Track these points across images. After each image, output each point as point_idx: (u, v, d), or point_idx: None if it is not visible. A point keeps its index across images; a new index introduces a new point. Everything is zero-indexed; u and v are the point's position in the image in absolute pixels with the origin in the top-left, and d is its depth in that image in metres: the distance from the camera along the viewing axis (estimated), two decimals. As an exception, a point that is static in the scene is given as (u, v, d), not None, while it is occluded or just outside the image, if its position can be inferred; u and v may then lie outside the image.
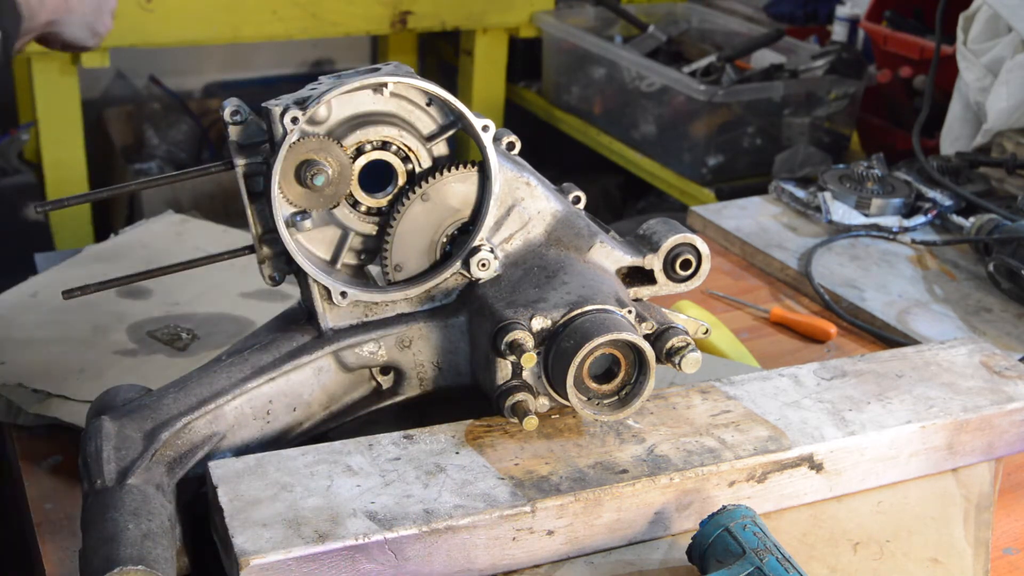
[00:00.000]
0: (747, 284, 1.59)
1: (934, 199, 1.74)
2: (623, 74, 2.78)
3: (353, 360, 1.01)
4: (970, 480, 1.10)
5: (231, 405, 0.96)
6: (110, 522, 0.84)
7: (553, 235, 1.04)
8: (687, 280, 1.06)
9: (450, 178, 1.00)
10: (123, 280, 1.02)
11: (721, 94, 2.49)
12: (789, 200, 1.76)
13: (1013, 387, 1.13)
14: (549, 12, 3.05)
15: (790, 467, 1.00)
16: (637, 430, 1.00)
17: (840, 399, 1.08)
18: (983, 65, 1.94)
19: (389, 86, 0.97)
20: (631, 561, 0.95)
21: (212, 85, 3.57)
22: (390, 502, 0.88)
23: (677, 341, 0.99)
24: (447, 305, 1.03)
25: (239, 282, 1.39)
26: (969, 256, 1.63)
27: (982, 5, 1.96)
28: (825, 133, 2.65)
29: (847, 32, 2.87)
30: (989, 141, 1.94)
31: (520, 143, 1.04)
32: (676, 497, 0.96)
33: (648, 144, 2.75)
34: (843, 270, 1.57)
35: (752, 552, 0.86)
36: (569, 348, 0.94)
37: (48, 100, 2.59)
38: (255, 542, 0.83)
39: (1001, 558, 1.02)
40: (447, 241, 1.03)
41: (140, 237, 1.55)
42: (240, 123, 0.99)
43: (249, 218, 1.00)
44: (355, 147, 0.98)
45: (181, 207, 2.65)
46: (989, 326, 1.44)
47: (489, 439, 0.98)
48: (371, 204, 1.01)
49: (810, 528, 1.01)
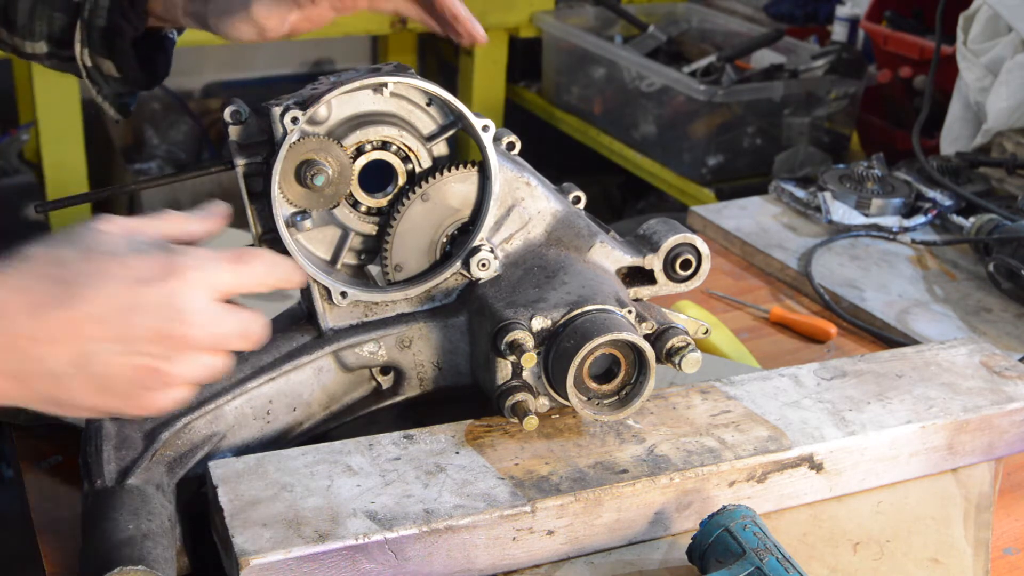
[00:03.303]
0: (747, 284, 1.58)
1: (934, 199, 1.74)
2: (623, 74, 2.78)
3: (353, 360, 1.01)
4: (970, 480, 1.10)
5: (231, 405, 0.96)
6: (110, 522, 0.84)
7: (553, 235, 1.04)
8: (687, 280, 1.06)
9: (450, 178, 1.00)
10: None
11: (721, 94, 2.49)
12: (789, 200, 1.76)
13: (1013, 387, 1.12)
14: (549, 12, 3.05)
15: (790, 467, 1.00)
16: (637, 430, 1.00)
17: (840, 399, 1.08)
18: (983, 65, 1.94)
19: (389, 86, 0.97)
20: (631, 561, 0.95)
21: (212, 85, 3.57)
22: (390, 502, 0.88)
23: (677, 341, 0.99)
24: (447, 305, 1.03)
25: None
26: (969, 256, 1.63)
27: (982, 5, 1.96)
28: (825, 133, 2.65)
29: (847, 32, 2.87)
30: (989, 141, 1.94)
31: (520, 143, 1.04)
32: (676, 497, 0.96)
33: (648, 144, 2.76)
34: (843, 270, 1.57)
35: (752, 552, 0.86)
36: (569, 348, 0.94)
37: (48, 100, 2.59)
38: (255, 542, 0.82)
39: (1001, 558, 1.02)
40: (447, 241, 1.03)
41: (140, 237, 1.54)
42: (240, 123, 0.99)
43: (249, 218, 1.00)
44: (355, 147, 0.98)
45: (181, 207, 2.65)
46: (989, 326, 1.44)
47: (489, 439, 0.98)
48: (371, 204, 1.01)
49: (810, 528, 1.01)
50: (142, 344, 0.73)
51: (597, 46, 2.84)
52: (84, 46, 1.09)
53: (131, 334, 0.73)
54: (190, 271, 0.75)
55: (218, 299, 0.77)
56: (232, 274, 0.77)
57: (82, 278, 0.72)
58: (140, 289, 0.73)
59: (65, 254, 0.73)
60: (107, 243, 0.75)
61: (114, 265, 0.73)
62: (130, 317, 0.73)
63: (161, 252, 0.76)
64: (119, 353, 0.73)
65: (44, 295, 0.71)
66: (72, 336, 0.72)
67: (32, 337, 0.71)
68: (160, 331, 0.74)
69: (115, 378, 0.74)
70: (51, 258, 0.73)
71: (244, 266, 0.78)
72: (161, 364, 0.75)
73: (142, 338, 0.73)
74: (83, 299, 0.72)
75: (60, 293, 0.71)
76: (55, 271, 0.72)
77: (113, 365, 0.73)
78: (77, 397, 0.74)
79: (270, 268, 0.80)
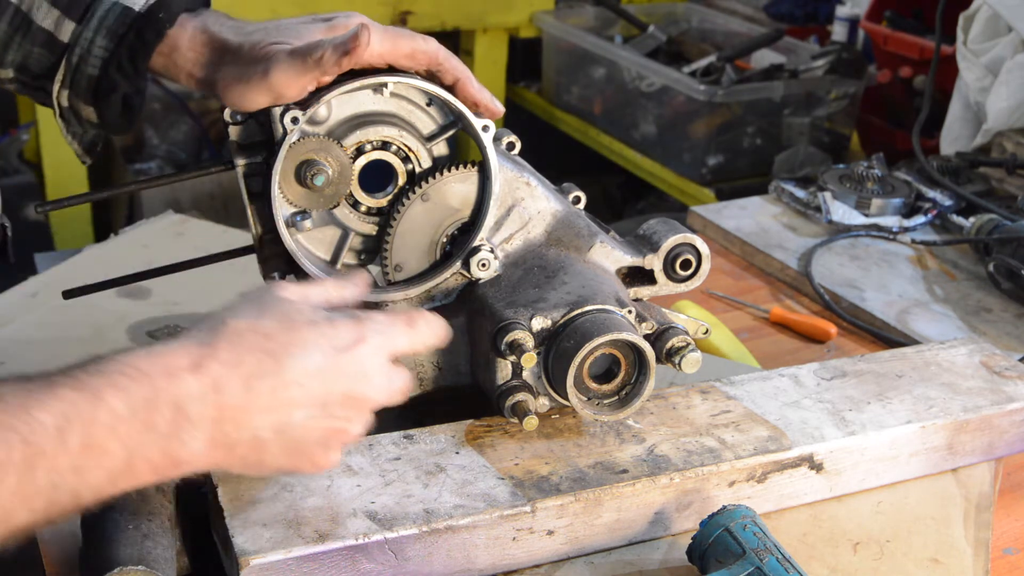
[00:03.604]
0: (747, 284, 1.58)
1: (934, 199, 1.74)
2: (623, 74, 2.78)
3: (353, 360, 1.01)
4: (970, 480, 1.10)
5: (231, 405, 0.96)
6: (110, 522, 0.84)
7: (553, 235, 1.04)
8: (687, 280, 1.06)
9: (450, 178, 1.00)
10: (123, 280, 1.03)
11: (721, 94, 2.49)
12: (789, 200, 1.76)
13: (1013, 387, 1.12)
14: (549, 12, 3.05)
15: (790, 467, 1.00)
16: (637, 430, 1.00)
17: (840, 399, 1.08)
18: (983, 65, 1.94)
19: (389, 86, 0.97)
20: (631, 561, 0.95)
21: (212, 85, 3.56)
22: (390, 502, 0.88)
23: (677, 341, 0.99)
24: (447, 305, 1.03)
25: (239, 282, 1.38)
26: (969, 256, 1.63)
27: (982, 5, 1.96)
28: (825, 133, 2.65)
29: (847, 32, 2.87)
30: (989, 141, 1.94)
31: (520, 143, 1.04)
32: (676, 497, 0.96)
33: (648, 144, 2.75)
34: (843, 270, 1.57)
35: (752, 552, 0.86)
36: (569, 348, 0.94)
37: (48, 100, 2.58)
38: (255, 542, 0.82)
39: (1001, 558, 1.02)
40: (447, 241, 1.03)
41: (140, 237, 1.55)
42: (240, 123, 0.99)
43: (249, 218, 1.00)
44: (355, 147, 0.98)
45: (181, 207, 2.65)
46: (989, 326, 1.44)
47: (489, 439, 0.98)
48: (371, 204, 1.01)
49: (810, 528, 1.01)
50: (335, 408, 0.78)
51: (597, 46, 2.84)
52: (65, 87, 1.01)
53: (327, 399, 0.78)
54: (376, 336, 0.80)
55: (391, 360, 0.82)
56: (406, 337, 0.84)
57: (288, 348, 0.76)
58: (337, 356, 0.78)
59: (269, 326, 0.77)
60: (301, 312, 0.79)
61: (313, 334, 0.78)
62: (328, 383, 0.78)
63: (350, 320, 0.81)
64: (314, 417, 0.77)
65: (256, 367, 0.75)
66: (280, 404, 0.76)
67: (244, 407, 0.74)
68: (350, 395, 0.79)
69: (306, 440, 0.78)
70: (258, 331, 0.76)
71: (415, 330, 0.85)
72: (346, 425, 0.80)
73: (335, 402, 0.78)
74: (291, 369, 0.76)
75: (271, 364, 0.75)
76: (263, 343, 0.76)
77: (308, 429, 0.78)
78: (271, 459, 0.78)
79: (434, 330, 0.87)
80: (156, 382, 0.71)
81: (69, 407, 0.67)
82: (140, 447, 0.70)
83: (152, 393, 0.70)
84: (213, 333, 0.75)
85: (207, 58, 0.98)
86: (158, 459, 0.71)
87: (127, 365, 0.71)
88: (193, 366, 0.73)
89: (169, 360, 0.72)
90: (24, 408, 0.66)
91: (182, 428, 0.71)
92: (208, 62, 0.97)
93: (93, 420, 0.67)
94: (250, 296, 0.81)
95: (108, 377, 0.70)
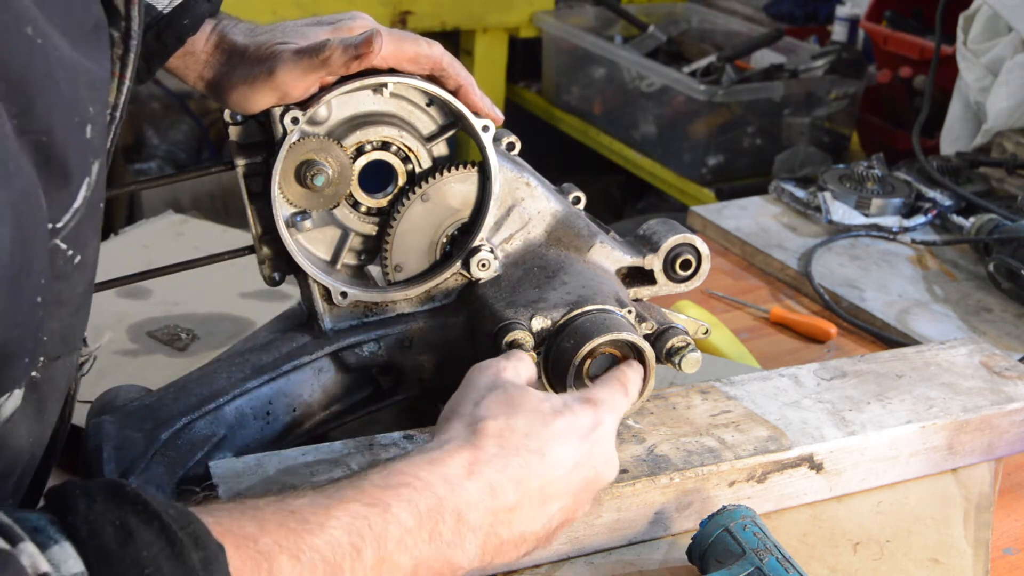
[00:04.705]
0: (747, 284, 1.59)
1: (934, 199, 1.74)
2: (623, 74, 2.78)
3: (353, 360, 1.01)
4: (970, 480, 1.10)
5: (231, 405, 0.96)
6: (110, 522, 0.83)
7: (553, 235, 1.04)
8: (687, 280, 1.06)
9: (450, 178, 1.00)
10: (123, 280, 1.02)
11: (721, 94, 2.49)
12: (789, 200, 1.76)
13: (1013, 387, 1.13)
14: (549, 12, 3.05)
15: (790, 467, 1.00)
16: (637, 430, 1.00)
17: (840, 399, 1.08)
18: (983, 65, 1.94)
19: (389, 86, 0.97)
20: (631, 561, 0.95)
21: (212, 85, 3.56)
22: (390, 502, 0.88)
23: (677, 341, 0.99)
24: (447, 305, 1.03)
25: (239, 282, 1.39)
26: (969, 256, 1.63)
27: (982, 5, 1.96)
28: (825, 133, 2.65)
29: (847, 32, 2.88)
30: (989, 141, 1.94)
31: (520, 143, 1.04)
32: (676, 497, 0.96)
33: (648, 144, 2.76)
34: (843, 270, 1.57)
35: (752, 552, 0.86)
36: (569, 348, 0.94)
37: (48, 100, 2.58)
38: (255, 542, 0.82)
39: (1001, 558, 1.02)
40: (447, 241, 1.03)
41: (140, 237, 1.55)
42: (240, 123, 0.99)
43: (249, 218, 1.00)
44: (355, 147, 0.98)
45: (181, 207, 2.65)
46: (989, 326, 1.44)
47: (489, 439, 0.97)
48: (371, 204, 1.01)
49: (810, 528, 1.01)
50: (581, 493, 0.80)
51: (597, 46, 2.84)
52: None
53: (577, 487, 0.80)
54: (608, 416, 0.83)
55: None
56: (628, 403, 0.88)
57: (548, 444, 0.78)
58: (584, 445, 0.80)
59: (524, 425, 0.78)
60: (542, 402, 0.81)
61: (562, 425, 0.80)
62: (582, 472, 0.80)
63: (584, 404, 0.83)
64: (566, 508, 0.79)
65: (523, 469, 0.76)
66: (544, 499, 0.77)
67: (515, 507, 0.76)
68: (596, 480, 0.81)
69: (555, 527, 0.80)
70: (516, 431, 0.78)
71: (635, 394, 0.90)
72: (584, 506, 0.82)
73: (581, 489, 0.80)
74: (552, 464, 0.78)
75: (537, 464, 0.77)
76: (525, 443, 0.77)
77: (558, 518, 0.79)
78: (526, 549, 0.78)
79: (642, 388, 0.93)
80: (438, 491, 0.71)
81: (361, 522, 0.67)
82: (425, 557, 0.70)
83: (436, 503, 0.71)
84: (475, 434, 0.76)
85: (218, 61, 0.98)
86: (439, 567, 0.71)
87: (410, 476, 0.71)
88: (468, 473, 0.74)
89: (447, 468, 0.73)
90: (321, 526, 0.65)
91: (464, 536, 0.72)
92: (219, 65, 0.98)
93: (385, 535, 0.68)
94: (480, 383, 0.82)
95: (395, 490, 0.70)
